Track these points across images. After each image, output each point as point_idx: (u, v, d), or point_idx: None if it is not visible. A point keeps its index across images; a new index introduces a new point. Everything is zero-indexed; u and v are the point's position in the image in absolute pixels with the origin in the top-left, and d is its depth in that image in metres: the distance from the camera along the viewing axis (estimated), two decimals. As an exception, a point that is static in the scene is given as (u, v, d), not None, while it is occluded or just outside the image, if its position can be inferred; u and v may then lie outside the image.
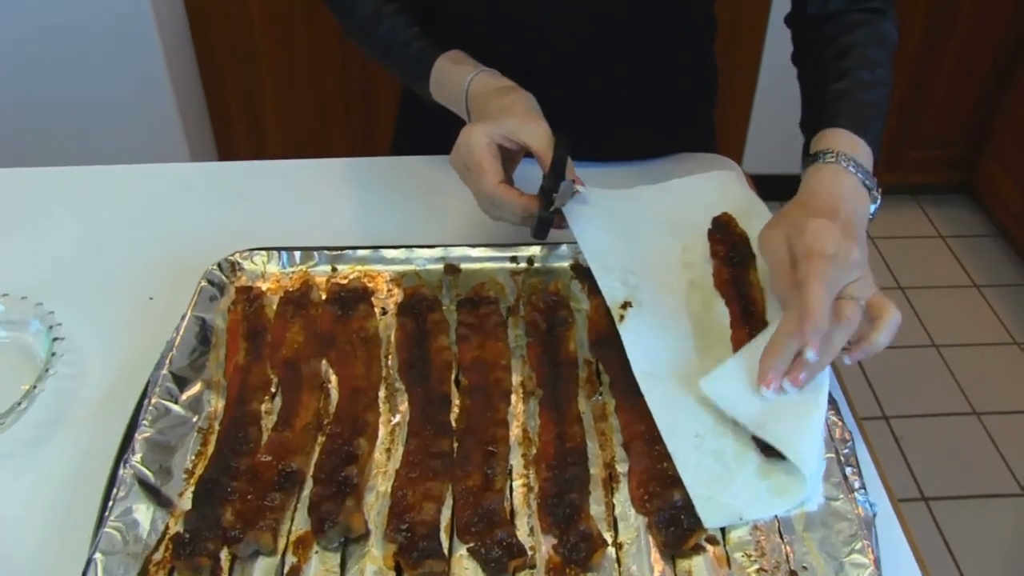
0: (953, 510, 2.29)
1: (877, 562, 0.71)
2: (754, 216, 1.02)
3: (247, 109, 2.82)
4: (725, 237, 1.00)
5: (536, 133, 0.93)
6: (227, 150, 2.87)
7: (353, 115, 2.83)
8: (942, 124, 3.12)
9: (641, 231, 1.02)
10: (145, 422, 0.81)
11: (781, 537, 0.75)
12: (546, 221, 0.92)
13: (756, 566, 0.73)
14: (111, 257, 1.11)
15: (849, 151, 0.86)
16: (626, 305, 0.92)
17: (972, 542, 2.22)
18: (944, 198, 3.37)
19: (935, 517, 2.27)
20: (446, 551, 0.73)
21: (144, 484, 0.77)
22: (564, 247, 1.02)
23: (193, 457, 0.81)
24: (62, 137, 2.42)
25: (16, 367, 0.96)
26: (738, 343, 0.90)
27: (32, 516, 0.80)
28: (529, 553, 0.73)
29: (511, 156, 0.97)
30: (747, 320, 0.92)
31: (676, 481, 0.78)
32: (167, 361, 0.87)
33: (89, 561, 0.70)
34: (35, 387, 0.90)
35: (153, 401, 0.83)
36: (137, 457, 0.78)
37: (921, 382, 2.67)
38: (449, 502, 0.77)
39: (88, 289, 1.05)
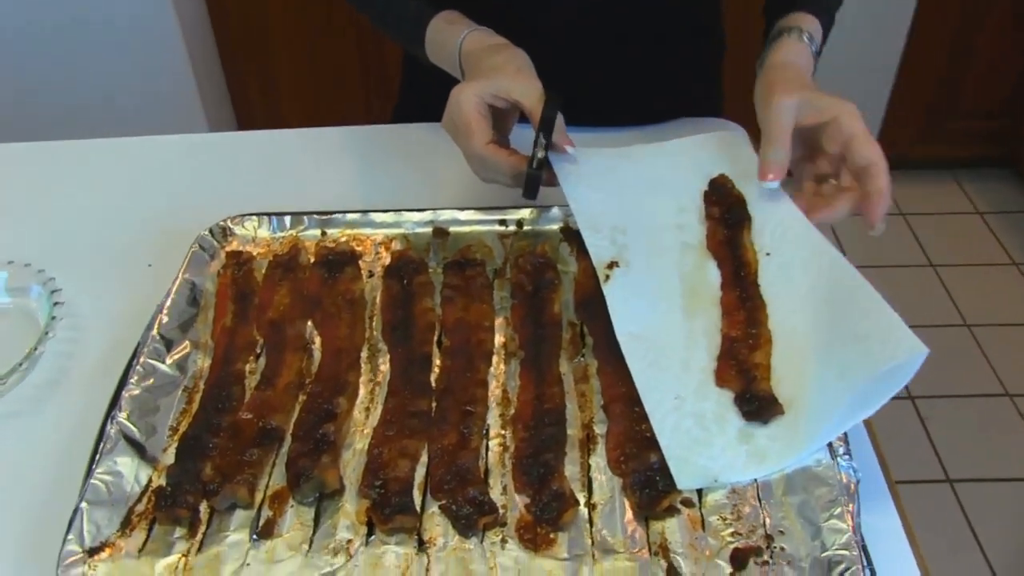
0: (980, 493, 2.25)
1: (856, 528, 0.70)
2: (754, 178, 1.00)
3: (263, 81, 2.83)
4: (721, 199, 0.99)
5: (526, 90, 0.92)
6: (246, 121, 2.89)
7: (371, 83, 2.83)
8: (984, 93, 2.95)
9: (634, 190, 1.00)
10: (133, 381, 0.82)
11: (759, 501, 0.74)
12: (534, 179, 0.91)
13: (731, 530, 0.72)
14: (112, 226, 1.13)
15: (813, 30, 1.01)
16: (612, 265, 0.91)
17: (998, 525, 2.17)
18: (983, 172, 3.24)
19: (960, 499, 2.23)
20: (418, 507, 0.74)
21: (129, 440, 0.78)
22: (555, 210, 1.02)
23: (178, 415, 0.82)
24: (79, 111, 2.45)
25: (19, 331, 0.98)
26: (727, 306, 0.89)
27: (32, 468, 0.82)
28: (500, 511, 0.73)
29: (504, 115, 0.96)
30: (738, 283, 0.90)
31: (653, 443, 0.77)
32: (156, 323, 0.88)
33: (76, 510, 0.72)
34: (36, 349, 0.92)
35: (141, 361, 0.84)
36: (124, 414, 0.80)
37: (950, 362, 2.60)
38: (424, 460, 0.78)
39: (89, 257, 1.08)
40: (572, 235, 0.99)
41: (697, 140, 1.08)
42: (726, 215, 0.97)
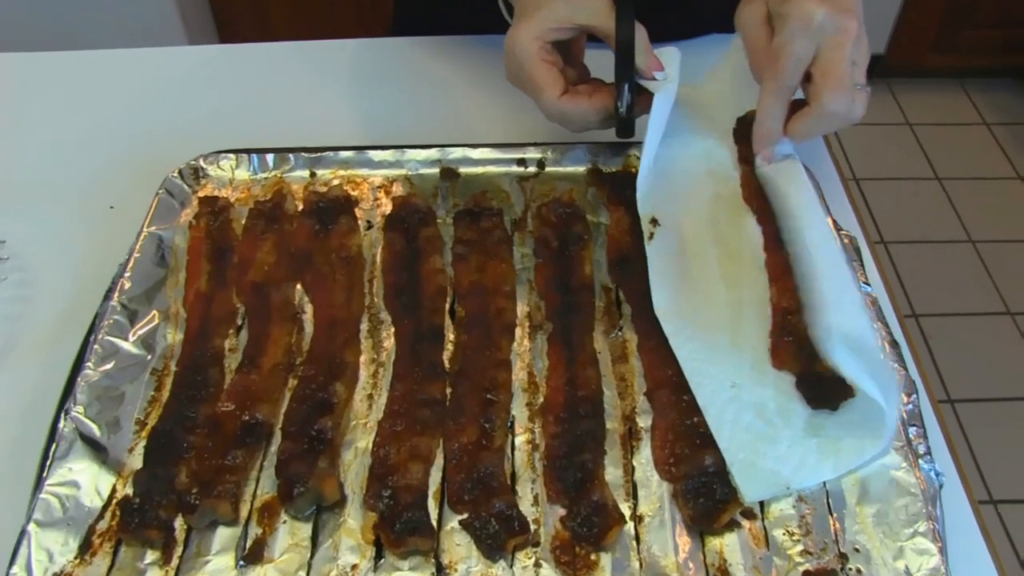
0: (980, 412, 2.19)
1: (943, 550, 0.60)
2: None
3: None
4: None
5: (592, 10, 0.75)
6: (229, 32, 2.64)
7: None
8: (1002, 1, 2.81)
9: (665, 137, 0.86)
10: (90, 363, 0.69)
11: (830, 511, 0.63)
12: (627, 124, 0.77)
13: (800, 547, 0.61)
14: (65, 159, 0.96)
15: None
16: (654, 222, 0.78)
17: (998, 445, 2.12)
18: (993, 82, 3.11)
19: (960, 420, 2.17)
20: (434, 522, 0.62)
21: (87, 439, 0.66)
22: (581, 148, 0.87)
23: (146, 405, 0.69)
24: (51, 19, 2.20)
25: (-49, 287, 0.84)
26: (774, 270, 0.76)
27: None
28: (532, 528, 0.62)
29: (572, 44, 0.80)
30: (782, 241, 0.77)
31: (707, 440, 0.66)
32: (117, 289, 0.75)
33: (23, 533, 0.60)
34: (-27, 310, 0.78)
35: (100, 337, 0.71)
36: (80, 407, 0.67)
37: (954, 279, 2.52)
38: (439, 462, 0.66)
39: (37, 196, 0.92)
40: (602, 179, 0.85)
41: (719, 69, 0.92)
42: None
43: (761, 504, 0.64)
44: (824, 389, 0.68)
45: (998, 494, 2.03)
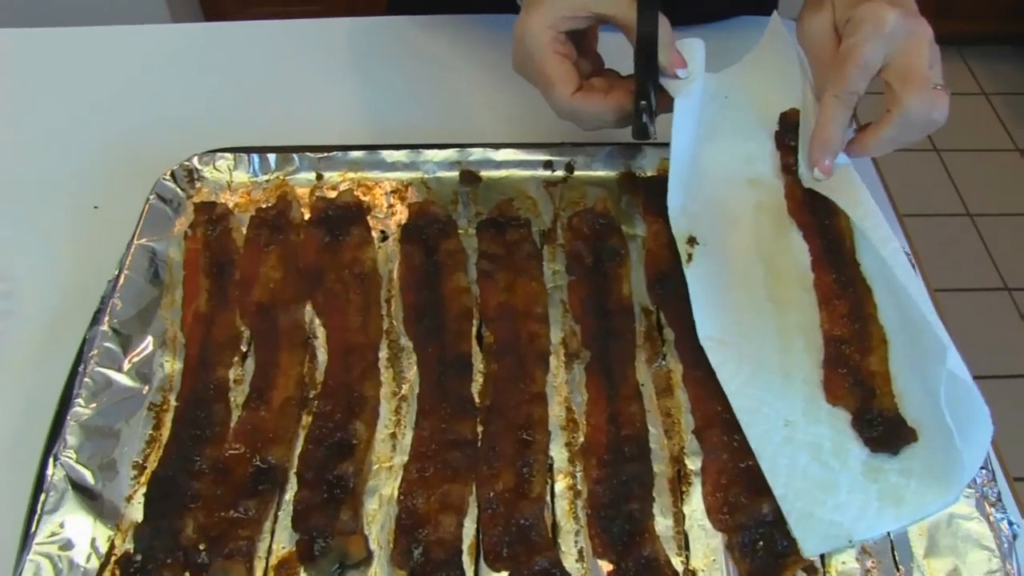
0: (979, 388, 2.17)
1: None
2: None
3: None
4: (797, 142, 0.78)
5: None
6: (213, 10, 2.49)
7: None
8: None
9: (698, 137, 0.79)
10: (80, 400, 0.62)
11: (897, 566, 0.58)
12: (643, 127, 0.70)
13: (868, 607, 0.56)
14: (40, 152, 0.88)
15: None
16: (692, 241, 0.72)
17: (998, 422, 2.10)
18: (992, 51, 3.03)
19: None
20: (471, 583, 0.57)
21: (80, 487, 0.59)
22: (612, 150, 0.80)
23: (144, 446, 0.63)
24: None
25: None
26: (824, 293, 0.70)
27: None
28: (579, 588, 0.56)
29: (585, 34, 0.73)
30: (832, 260, 0.71)
31: (763, 486, 0.61)
32: (107, 311, 0.67)
33: (8, 603, 0.54)
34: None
35: (90, 368, 0.64)
36: (71, 450, 0.60)
37: (951, 253, 2.48)
38: (472, 511, 0.60)
39: (14, 195, 0.84)
40: (636, 185, 0.79)
41: (751, 59, 0.85)
42: None
43: (822, 557, 0.59)
44: (884, 430, 0.63)
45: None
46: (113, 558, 0.57)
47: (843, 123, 0.67)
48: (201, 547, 0.57)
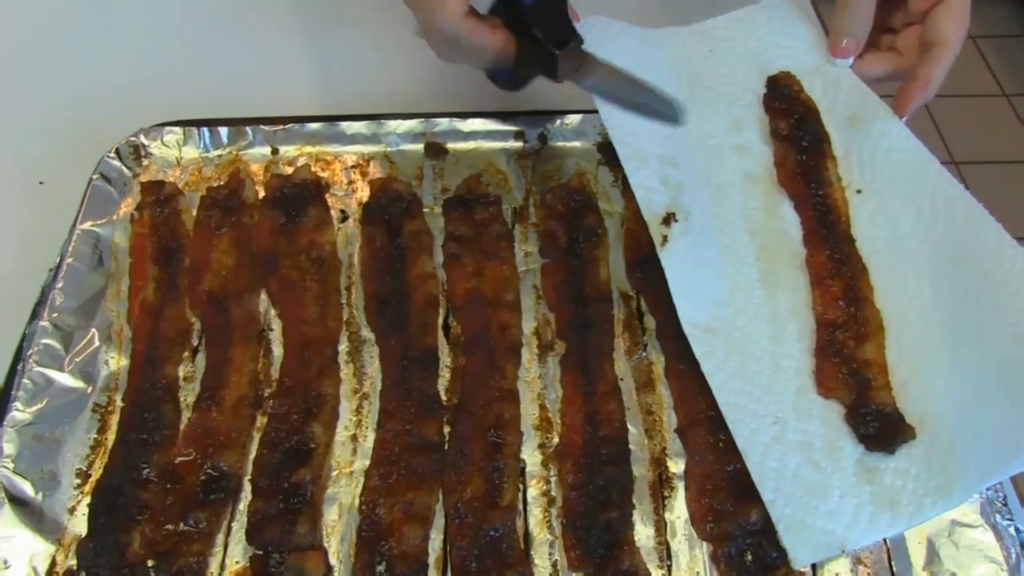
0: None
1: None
2: (828, 71, 0.74)
3: None
4: (787, 106, 0.72)
5: None
6: None
7: None
8: None
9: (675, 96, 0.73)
10: (18, 404, 0.58)
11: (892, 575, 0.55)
12: (520, 78, 0.66)
13: (859, 621, 0.53)
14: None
15: None
16: (669, 218, 0.65)
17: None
18: (980, -11, 2.95)
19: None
20: (437, 599, 0.53)
21: (17, 500, 0.55)
22: (588, 119, 0.75)
23: (88, 452, 0.59)
24: None
25: None
26: (816, 270, 0.66)
27: None
28: (552, 606, 0.53)
29: None
30: (824, 234, 0.67)
31: (751, 491, 0.57)
32: (48, 303, 0.62)
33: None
34: None
35: (30, 368, 0.60)
36: (7, 459, 0.56)
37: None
38: (439, 521, 0.56)
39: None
40: (615, 155, 0.73)
41: (741, 15, 0.78)
42: (798, 131, 0.71)
43: (813, 567, 0.55)
44: (879, 426, 0.59)
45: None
46: (54, 577, 0.53)
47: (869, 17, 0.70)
48: (150, 563, 0.53)
